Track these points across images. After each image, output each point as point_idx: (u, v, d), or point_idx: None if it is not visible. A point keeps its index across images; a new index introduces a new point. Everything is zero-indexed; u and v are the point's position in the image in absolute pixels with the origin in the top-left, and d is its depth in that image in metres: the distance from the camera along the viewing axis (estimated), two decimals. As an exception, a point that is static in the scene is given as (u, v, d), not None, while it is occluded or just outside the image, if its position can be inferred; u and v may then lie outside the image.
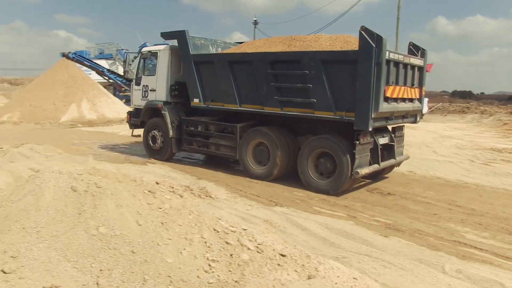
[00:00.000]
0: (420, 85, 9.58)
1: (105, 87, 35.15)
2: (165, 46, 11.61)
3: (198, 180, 9.20)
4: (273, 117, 9.53)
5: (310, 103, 8.59)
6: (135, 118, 12.48)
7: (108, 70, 38.49)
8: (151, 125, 11.75)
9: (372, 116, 7.83)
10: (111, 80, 39.11)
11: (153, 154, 11.77)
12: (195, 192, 7.53)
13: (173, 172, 9.99)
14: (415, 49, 9.65)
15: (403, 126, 10.05)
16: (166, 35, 11.25)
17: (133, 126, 12.73)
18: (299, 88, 8.72)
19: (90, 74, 36.15)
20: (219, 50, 11.50)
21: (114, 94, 36.92)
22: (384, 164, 9.13)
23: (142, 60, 12.29)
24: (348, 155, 8.17)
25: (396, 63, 8.33)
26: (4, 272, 3.38)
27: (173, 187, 5.83)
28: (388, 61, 7.93)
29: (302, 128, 9.47)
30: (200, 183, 8.79)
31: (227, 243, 4.13)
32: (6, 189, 5.15)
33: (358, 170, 8.14)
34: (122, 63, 38.48)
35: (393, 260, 5.06)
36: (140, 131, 12.46)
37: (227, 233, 4.30)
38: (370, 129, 8.02)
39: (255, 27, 44.83)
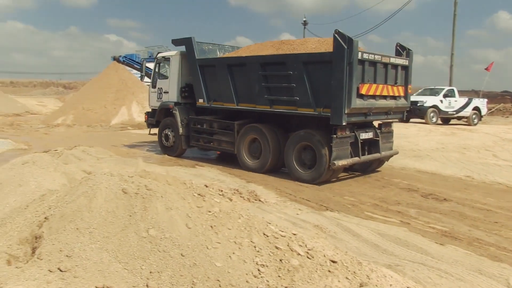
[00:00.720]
0: (406, 83, 10.44)
1: (154, 90, 35.96)
2: (176, 51, 12.89)
3: (247, 184, 9.25)
4: (266, 115, 10.60)
5: (294, 101, 9.70)
6: (151, 118, 13.72)
7: (158, 73, 39.54)
8: (164, 124, 13.00)
9: (346, 111, 8.78)
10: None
11: (166, 151, 13.03)
12: (245, 195, 7.57)
13: (222, 175, 10.10)
14: (401, 49, 10.54)
15: (391, 123, 10.80)
16: (176, 42, 12.54)
17: (150, 125, 13.97)
18: (285, 88, 9.82)
19: (139, 76, 37.20)
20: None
21: (164, 97, 37.71)
22: (365, 157, 10.02)
23: (157, 65, 13.73)
24: (326, 148, 9.13)
25: (373, 63, 9.28)
26: (61, 270, 3.54)
27: (222, 190, 5.88)
28: (362, 61, 8.92)
29: (290, 124, 10.45)
30: (249, 187, 8.82)
31: (276, 248, 4.11)
32: (61, 190, 5.36)
33: (335, 162, 9.04)
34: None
35: (450, 270, 4.87)
36: (156, 130, 13.59)
37: (277, 238, 4.29)
38: (344, 124, 8.93)
39: (304, 27, 44.65)
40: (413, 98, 22.94)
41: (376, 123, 10.68)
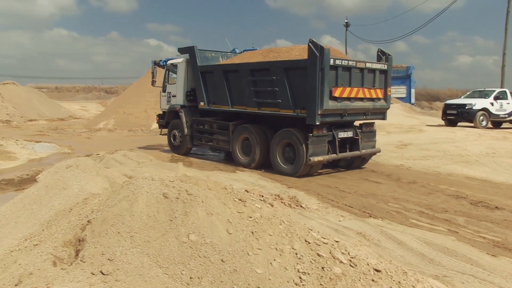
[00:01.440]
0: (385, 86, 11.46)
1: (194, 93, 36.41)
2: (182, 59, 14.23)
3: (288, 189, 9.23)
4: (256, 116, 11.94)
5: (277, 103, 10.97)
6: (162, 120, 15.38)
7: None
8: (172, 125, 14.63)
9: (319, 112, 9.98)
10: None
11: (174, 149, 14.65)
12: (286, 201, 7.56)
13: (262, 180, 10.12)
14: (381, 54, 11.66)
15: (373, 123, 11.93)
16: (181, 50, 14.14)
17: (161, 126, 15.65)
18: (270, 91, 11.11)
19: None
20: None
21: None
22: (343, 154, 11.19)
23: (167, 71, 15.23)
24: (303, 145, 10.31)
25: (348, 68, 10.39)
26: (103, 274, 3.62)
27: (263, 196, 5.90)
28: (335, 67, 10.07)
29: (276, 124, 11.50)
30: (290, 192, 8.80)
31: (318, 255, 4.08)
32: (103, 194, 5.51)
33: (311, 158, 10.29)
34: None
35: (505, 284, 4.68)
36: (166, 131, 15.21)
37: (319, 245, 4.25)
38: (317, 123, 10.10)
39: (346, 29, 44.32)
40: (460, 100, 22.44)
41: (358, 123, 11.86)
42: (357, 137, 11.38)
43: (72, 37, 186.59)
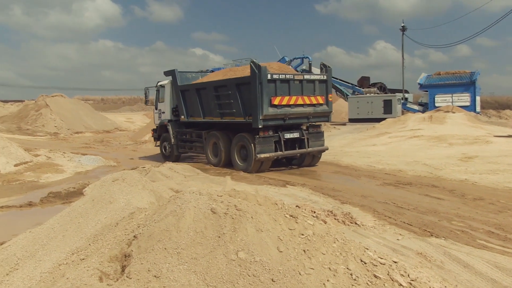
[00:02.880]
0: (326, 93, 14.39)
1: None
2: (168, 80, 17.31)
3: (342, 205, 9.11)
4: (220, 124, 15.12)
5: (233, 113, 13.96)
6: (155, 134, 18.76)
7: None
8: (163, 138, 17.90)
9: (261, 117, 12.86)
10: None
11: (165, 158, 17.31)
12: (339, 217, 7.46)
13: (314, 195, 10.05)
14: (324, 66, 14.71)
15: (320, 125, 14.99)
16: (166, 73, 17.16)
17: (155, 139, 18.92)
18: (227, 103, 14.13)
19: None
20: None
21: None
22: (288, 152, 14.03)
23: (157, 91, 18.40)
24: (252, 145, 13.33)
25: (286, 80, 13.28)
26: (148, 292, 3.68)
27: (315, 212, 5.85)
28: (273, 80, 12.94)
29: (236, 130, 14.47)
30: (344, 208, 8.69)
31: (375, 276, 3.99)
32: (149, 208, 5.62)
33: (258, 155, 13.22)
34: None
35: None
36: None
37: (376, 265, 4.16)
38: (260, 127, 12.98)
39: (403, 33, 43.48)
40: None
41: (304, 126, 14.85)
42: (303, 138, 14.20)
43: (118, 48, 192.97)
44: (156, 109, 18.60)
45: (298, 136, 14.11)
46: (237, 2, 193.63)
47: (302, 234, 4.33)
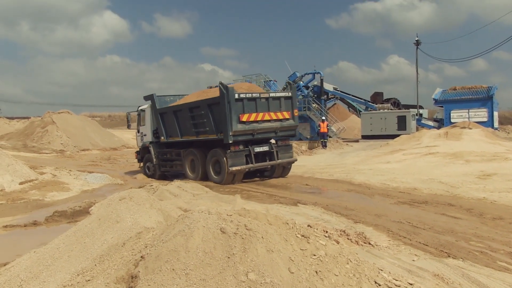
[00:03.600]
0: (292, 109, 15.95)
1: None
2: (148, 104, 18.81)
3: (355, 224, 9.06)
4: (196, 142, 16.48)
5: (206, 131, 15.53)
6: (139, 156, 20.08)
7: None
8: (146, 159, 19.22)
9: (230, 133, 14.41)
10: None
11: (149, 177, 18.65)
12: (352, 237, 7.41)
13: (326, 215, 10.00)
14: (289, 85, 17.63)
15: (288, 138, 16.58)
16: (145, 97, 18.66)
17: (138, 160, 20.16)
18: (201, 122, 15.69)
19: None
20: None
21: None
22: (259, 164, 15.72)
23: (138, 115, 19.91)
24: (225, 159, 14.87)
25: (253, 99, 14.89)
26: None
27: (327, 232, 5.82)
28: (240, 99, 14.54)
29: (210, 146, 15.81)
30: (357, 228, 8.63)
31: (391, 299, 3.96)
32: (157, 228, 5.63)
33: (230, 168, 14.77)
34: None
35: None
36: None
37: (390, 287, 4.13)
38: (231, 142, 14.54)
39: (417, 47, 43.49)
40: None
41: (273, 140, 16.48)
42: (273, 150, 15.82)
43: (125, 63, 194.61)
44: (138, 132, 20.22)
45: (268, 149, 15.80)
46: (246, 17, 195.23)
47: (314, 255, 4.31)
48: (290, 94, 16.05)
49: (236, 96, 14.38)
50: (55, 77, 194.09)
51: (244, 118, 14.51)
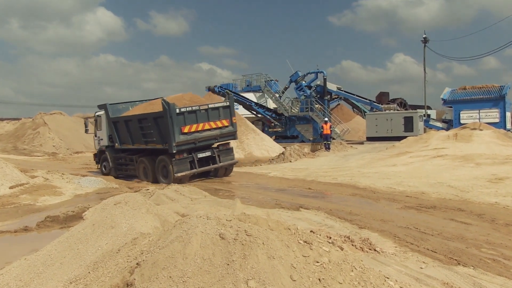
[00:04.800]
0: (230, 117, 18.29)
1: (253, 122, 36.95)
2: (103, 111, 20.65)
3: (360, 230, 9.06)
4: (147, 150, 18.63)
5: (154, 140, 17.79)
6: (96, 158, 22.73)
7: (256, 103, 40.62)
8: (102, 159, 21.88)
9: (174, 144, 16.60)
10: (259, 115, 41.19)
11: (105, 175, 20.55)
12: (357, 244, 7.41)
13: (330, 220, 10.00)
14: (227, 94, 19.46)
15: (228, 142, 18.97)
16: (99, 106, 20.83)
17: (96, 162, 22.77)
18: (149, 133, 17.89)
19: (237, 108, 38.45)
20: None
21: (263, 130, 38.57)
22: (202, 168, 17.99)
23: (95, 121, 22.25)
24: (171, 166, 17.15)
25: (193, 111, 17.09)
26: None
27: (331, 238, 5.82)
28: (181, 113, 16.69)
29: (159, 154, 17.97)
30: (362, 233, 8.63)
31: (397, 308, 3.96)
32: (153, 233, 5.64)
33: (176, 174, 17.02)
34: (270, 95, 40.22)
35: None
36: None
37: (398, 296, 4.13)
38: (175, 151, 16.76)
39: (425, 45, 43.40)
40: None
41: (215, 145, 18.66)
42: (215, 155, 18.21)
43: (120, 63, 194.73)
44: (96, 136, 22.61)
45: (210, 154, 18.19)
46: (246, 15, 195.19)
47: (317, 262, 4.32)
48: (228, 104, 18.35)
49: (177, 111, 16.59)
50: (47, 77, 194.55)
51: (186, 129, 16.86)
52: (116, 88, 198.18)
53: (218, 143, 18.50)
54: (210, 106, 17.79)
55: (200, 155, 17.82)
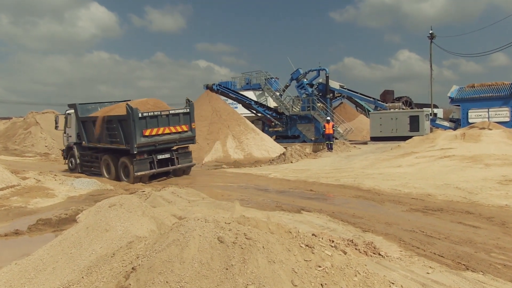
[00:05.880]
0: (190, 122, 20.16)
1: (252, 121, 36.90)
2: (72, 110, 22.46)
3: (364, 233, 9.06)
4: (111, 149, 20.13)
5: (117, 141, 19.29)
6: (64, 153, 24.67)
7: (256, 102, 40.59)
8: (69, 155, 23.69)
9: (135, 146, 18.21)
10: (259, 114, 41.16)
11: (71, 171, 22.81)
12: (361, 247, 7.41)
13: (332, 223, 10.01)
14: (188, 101, 20.63)
15: (187, 146, 20.88)
16: (69, 105, 23.00)
17: (64, 158, 24.76)
18: (113, 134, 19.40)
19: (236, 107, 38.37)
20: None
21: (263, 130, 38.55)
22: (161, 169, 19.64)
23: (65, 118, 24.00)
24: (132, 165, 18.71)
25: (155, 116, 18.79)
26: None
27: (333, 241, 5.83)
28: (143, 117, 18.36)
29: (122, 153, 19.50)
30: (366, 237, 8.63)
31: (403, 315, 3.97)
32: (149, 237, 5.64)
33: (136, 173, 18.60)
34: (271, 94, 40.23)
35: None
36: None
37: (403, 302, 4.13)
38: (135, 152, 18.36)
39: (431, 41, 43.36)
40: None
41: (175, 147, 20.48)
42: (173, 157, 20.02)
43: (114, 60, 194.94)
44: (65, 133, 24.51)
45: (169, 156, 20.04)
46: (244, 10, 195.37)
47: (319, 266, 4.32)
48: (188, 110, 20.38)
49: (140, 115, 18.36)
50: (39, 75, 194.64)
51: (147, 132, 18.70)
52: (110, 86, 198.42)
53: (177, 146, 20.56)
54: (171, 112, 19.77)
55: (160, 156, 19.67)
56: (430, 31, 43.22)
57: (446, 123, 38.76)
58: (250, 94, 40.93)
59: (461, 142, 24.19)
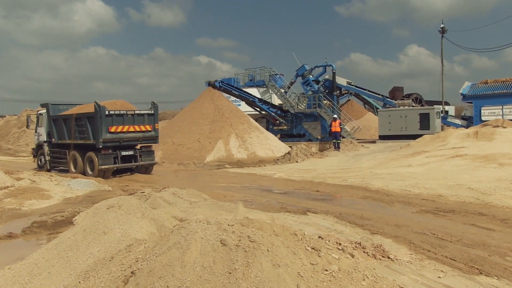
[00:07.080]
0: (153, 123, 22.48)
1: (256, 119, 36.91)
2: (44, 109, 24.86)
3: (372, 236, 9.05)
4: (79, 145, 22.43)
5: (85, 137, 21.57)
6: (34, 152, 26.40)
7: (260, 99, 40.58)
8: (39, 153, 25.66)
9: (100, 141, 20.47)
10: (263, 112, 41.17)
11: (40, 169, 24.90)
12: (369, 250, 7.41)
13: (339, 225, 10.00)
14: (153, 104, 22.86)
15: (150, 145, 23.05)
16: (42, 105, 25.37)
17: (33, 156, 26.51)
18: (82, 130, 21.74)
19: (239, 105, 38.34)
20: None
21: (267, 128, 38.53)
22: (124, 165, 22.10)
23: (37, 118, 26.18)
24: (97, 159, 20.99)
25: (121, 115, 21.16)
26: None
27: (341, 244, 5.83)
28: (110, 115, 20.70)
29: (90, 149, 21.65)
30: (375, 239, 8.62)
31: (413, 320, 3.96)
32: (149, 240, 5.64)
33: (100, 166, 20.89)
34: (275, 90, 40.20)
35: None
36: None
37: (413, 308, 4.13)
38: (101, 147, 20.63)
39: (442, 36, 43.28)
40: None
41: (138, 146, 22.84)
42: (136, 154, 22.25)
43: (112, 56, 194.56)
44: (36, 132, 26.57)
45: (133, 153, 22.38)
46: (246, 4, 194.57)
47: (326, 270, 4.32)
48: (152, 112, 22.71)
49: (107, 112, 20.70)
50: (33, 71, 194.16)
51: (113, 129, 20.96)
52: (108, 83, 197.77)
53: (140, 145, 22.86)
54: (136, 112, 22.28)
55: (124, 153, 22.12)
56: (442, 25, 43.12)
57: (458, 121, 38.65)
58: (253, 91, 40.90)
59: (473, 140, 24.14)
